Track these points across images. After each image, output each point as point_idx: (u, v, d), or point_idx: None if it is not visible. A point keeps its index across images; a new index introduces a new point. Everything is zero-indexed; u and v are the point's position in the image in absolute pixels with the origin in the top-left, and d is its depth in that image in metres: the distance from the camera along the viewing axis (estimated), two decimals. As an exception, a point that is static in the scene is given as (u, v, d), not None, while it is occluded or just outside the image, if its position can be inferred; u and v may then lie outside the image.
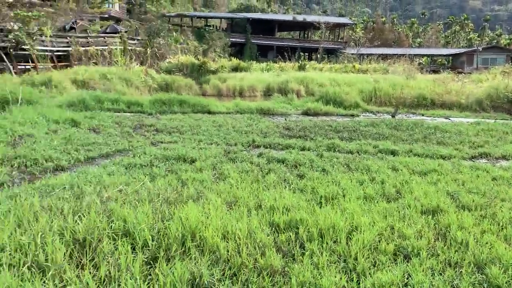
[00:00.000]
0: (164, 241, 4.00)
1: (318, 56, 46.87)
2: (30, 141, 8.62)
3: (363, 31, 69.78)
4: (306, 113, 14.80)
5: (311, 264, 3.87)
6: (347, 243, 4.25)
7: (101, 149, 8.49)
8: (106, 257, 3.72)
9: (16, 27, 22.70)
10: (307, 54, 54.98)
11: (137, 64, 24.93)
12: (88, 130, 10.35)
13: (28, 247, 3.77)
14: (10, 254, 3.67)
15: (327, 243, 4.24)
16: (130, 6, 43.20)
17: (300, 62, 35.69)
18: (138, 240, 4.00)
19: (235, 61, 30.99)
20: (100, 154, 8.19)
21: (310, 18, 54.84)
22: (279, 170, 7.09)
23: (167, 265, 3.65)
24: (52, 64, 23.65)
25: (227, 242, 4.11)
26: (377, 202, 5.58)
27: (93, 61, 25.76)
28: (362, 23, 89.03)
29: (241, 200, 5.34)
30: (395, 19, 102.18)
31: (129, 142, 9.28)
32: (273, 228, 4.59)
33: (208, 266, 3.69)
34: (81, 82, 19.39)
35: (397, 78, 23.57)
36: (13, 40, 21.43)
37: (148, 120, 12.14)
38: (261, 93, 23.05)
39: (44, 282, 3.38)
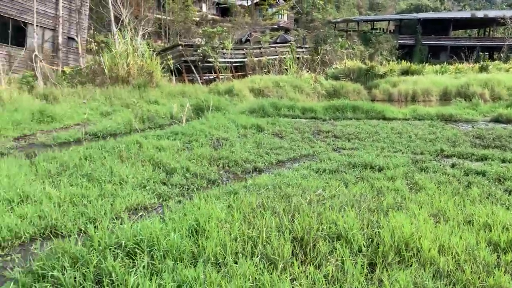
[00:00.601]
0: (379, 248, 4.05)
1: (502, 55, 41.55)
2: (227, 144, 9.66)
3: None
4: (497, 120, 13.25)
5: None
6: None
7: (288, 153, 9.03)
8: (325, 257, 3.94)
9: (203, 42, 25.75)
10: (487, 53, 49.27)
11: (307, 72, 25.77)
12: (272, 135, 11.09)
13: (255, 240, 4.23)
14: (242, 244, 4.17)
15: None
16: (298, 15, 44.94)
17: (482, 62, 32.15)
18: (354, 244, 4.12)
19: (404, 64, 29.60)
20: (288, 158, 8.72)
21: (492, 13, 49.01)
22: (480, 183, 6.52)
23: (386, 271, 3.70)
24: (231, 74, 26.12)
25: (444, 256, 3.96)
26: None
27: (265, 70, 27.58)
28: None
29: (447, 214, 5.07)
30: None
31: (312, 148, 9.66)
32: (492, 247, 4.24)
33: (431, 278, 3.61)
34: (257, 90, 20.96)
35: None
36: (201, 54, 24.33)
37: (324, 126, 12.43)
38: (436, 97, 21.54)
39: (271, 274, 3.74)
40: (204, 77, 25.28)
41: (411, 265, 3.91)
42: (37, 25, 20.98)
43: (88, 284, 3.53)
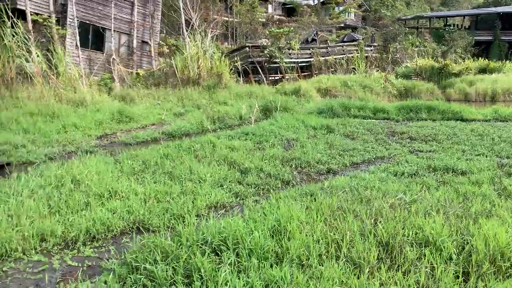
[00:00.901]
0: (472, 256, 3.84)
1: None
2: (298, 145, 9.63)
3: None
4: None
5: None
6: None
7: (362, 155, 8.83)
8: (414, 263, 3.80)
9: (269, 43, 25.90)
10: None
11: (377, 71, 25.06)
12: (344, 136, 10.90)
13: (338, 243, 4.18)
14: (325, 247, 4.14)
15: None
16: (365, 13, 43.86)
17: None
18: (443, 251, 3.94)
19: (482, 61, 27.83)
20: (363, 160, 8.52)
21: None
22: None
23: (482, 281, 3.50)
24: (297, 74, 26.03)
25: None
26: None
27: (332, 69, 27.17)
28: None
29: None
30: None
31: (387, 150, 9.37)
32: None
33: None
34: (324, 90, 20.72)
35: None
36: (267, 55, 24.49)
37: (398, 127, 12.01)
38: (519, 97, 20.05)
39: (358, 278, 3.67)
40: (270, 78, 25.43)
41: (509, 277, 3.67)
42: (114, 30, 22.25)
43: (179, 278, 3.68)
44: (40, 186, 5.96)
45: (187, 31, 23.50)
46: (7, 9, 14.66)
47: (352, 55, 27.68)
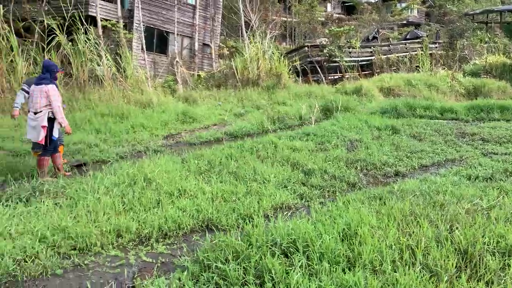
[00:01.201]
0: None
1: None
2: (362, 146, 9.41)
3: None
4: None
5: None
6: None
7: (431, 157, 8.47)
8: (497, 274, 3.58)
9: (328, 42, 25.56)
10: None
11: (442, 69, 23.95)
12: (410, 137, 10.50)
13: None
14: (398, 253, 4.00)
15: None
16: (429, 9, 42.03)
17: None
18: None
19: (562, 57, 25.68)
20: (432, 163, 8.18)
21: None
22: None
23: None
24: (357, 73, 25.46)
25: None
26: None
27: (394, 68, 26.30)
28: None
29: None
30: None
31: (457, 152, 8.92)
32: None
33: None
34: (386, 89, 20.09)
35: None
36: (327, 54, 24.18)
37: (468, 128, 11.38)
38: None
39: (436, 286, 3.51)
40: (329, 77, 25.09)
41: None
42: (177, 34, 22.99)
43: (250, 278, 3.71)
44: (114, 184, 6.27)
45: (246, 32, 23.78)
46: (81, 16, 15.60)
47: (415, 52, 26.64)
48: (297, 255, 3.97)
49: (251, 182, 6.68)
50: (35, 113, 7.00)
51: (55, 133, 7.12)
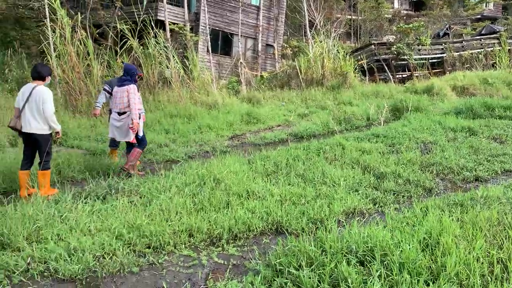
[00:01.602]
0: None
1: None
2: (436, 149, 8.88)
3: None
4: None
5: None
6: None
7: (516, 161, 7.80)
8: None
9: (396, 40, 24.58)
10: None
11: (523, 65, 22.18)
12: (489, 139, 9.77)
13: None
14: (487, 266, 3.66)
15: None
16: (507, 2, 39.11)
17: None
18: None
19: None
20: (517, 168, 7.52)
21: None
22: None
23: None
24: (427, 72, 24.25)
25: None
26: None
27: (467, 65, 24.75)
28: None
29: None
30: None
31: (547, 156, 8.14)
32: None
33: None
34: (460, 88, 18.97)
35: None
36: (395, 52, 23.27)
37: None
38: None
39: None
40: (397, 76, 24.14)
41: None
42: (241, 35, 23.24)
43: (325, 286, 3.57)
44: (185, 183, 6.38)
45: (310, 31, 23.50)
46: (151, 21, 16.21)
47: (491, 49, 24.87)
48: (375, 264, 3.77)
49: (320, 185, 6.51)
50: (119, 114, 7.33)
51: (140, 132, 7.46)
